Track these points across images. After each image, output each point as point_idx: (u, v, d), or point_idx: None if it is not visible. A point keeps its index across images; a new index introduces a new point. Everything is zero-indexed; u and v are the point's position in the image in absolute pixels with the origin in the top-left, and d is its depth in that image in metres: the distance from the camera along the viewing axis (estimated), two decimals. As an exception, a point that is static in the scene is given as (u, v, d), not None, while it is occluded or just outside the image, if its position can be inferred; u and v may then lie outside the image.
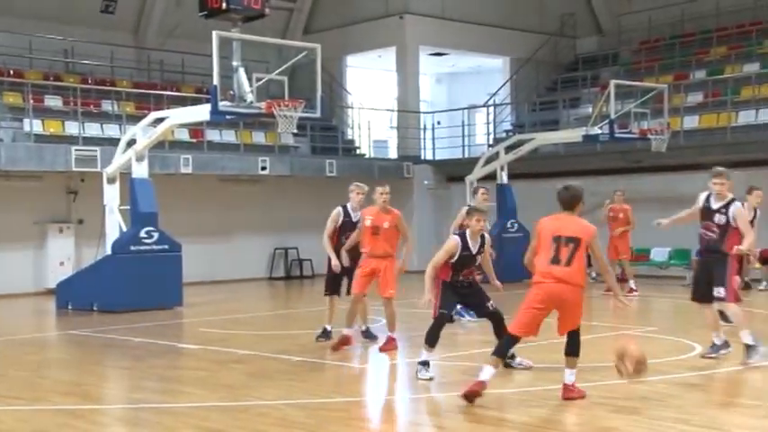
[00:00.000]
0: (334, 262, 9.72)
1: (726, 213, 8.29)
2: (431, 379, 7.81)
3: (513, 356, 8.11)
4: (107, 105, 19.24)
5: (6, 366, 9.18)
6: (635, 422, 6.30)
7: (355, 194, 9.85)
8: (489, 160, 19.46)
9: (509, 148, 19.19)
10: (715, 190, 8.38)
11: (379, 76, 26.07)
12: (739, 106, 19.24)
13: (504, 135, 22.71)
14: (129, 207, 14.38)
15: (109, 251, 14.36)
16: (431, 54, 24.63)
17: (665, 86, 17.89)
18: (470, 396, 6.72)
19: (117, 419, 7.03)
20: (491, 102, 24.10)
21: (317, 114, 13.25)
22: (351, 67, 25.40)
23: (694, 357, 8.77)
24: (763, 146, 17.61)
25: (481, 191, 12.35)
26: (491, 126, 23.40)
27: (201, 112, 13.31)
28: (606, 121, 17.04)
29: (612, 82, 17.34)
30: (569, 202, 6.96)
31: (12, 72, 19.13)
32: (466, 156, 22.79)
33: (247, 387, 7.80)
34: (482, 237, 7.90)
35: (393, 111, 24.39)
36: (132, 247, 14.09)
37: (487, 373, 6.79)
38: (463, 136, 23.00)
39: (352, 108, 24.43)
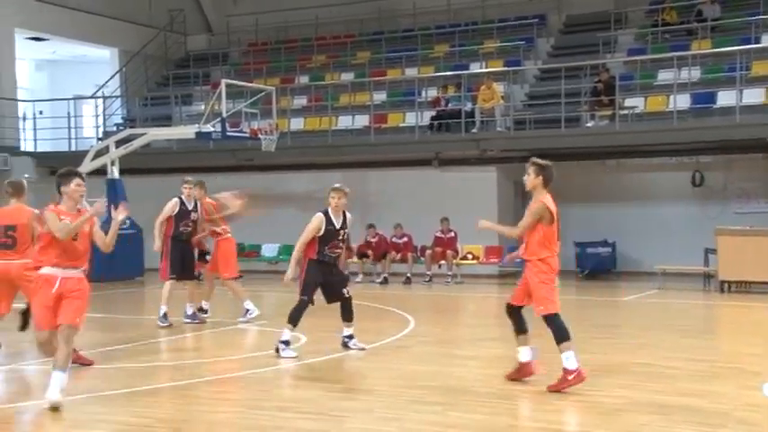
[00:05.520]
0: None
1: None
2: (295, 357, 8.33)
3: (351, 336, 8.69)
4: None
5: None
6: (239, 413, 6.63)
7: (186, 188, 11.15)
8: (99, 154, 18.79)
9: (120, 143, 18.72)
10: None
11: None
12: (338, 111, 20.98)
13: (114, 129, 22.05)
14: None
15: None
16: (28, 38, 22.97)
17: (272, 89, 18.83)
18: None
19: None
20: (99, 93, 23.20)
21: None
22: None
23: (304, 345, 9.38)
24: (360, 149, 19.44)
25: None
26: (100, 119, 22.54)
27: None
28: (218, 119, 17.44)
29: (223, 81, 17.76)
30: None
31: None
32: (73, 149, 21.68)
33: None
34: (344, 213, 8.58)
35: (-15, 97, 22.23)
36: None
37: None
38: (69, 128, 21.83)
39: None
